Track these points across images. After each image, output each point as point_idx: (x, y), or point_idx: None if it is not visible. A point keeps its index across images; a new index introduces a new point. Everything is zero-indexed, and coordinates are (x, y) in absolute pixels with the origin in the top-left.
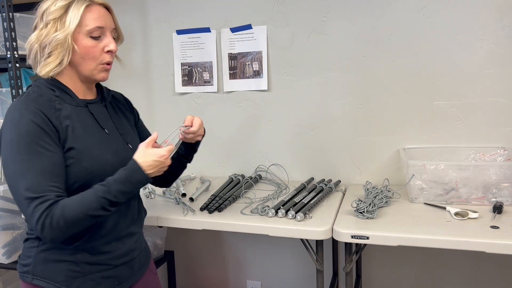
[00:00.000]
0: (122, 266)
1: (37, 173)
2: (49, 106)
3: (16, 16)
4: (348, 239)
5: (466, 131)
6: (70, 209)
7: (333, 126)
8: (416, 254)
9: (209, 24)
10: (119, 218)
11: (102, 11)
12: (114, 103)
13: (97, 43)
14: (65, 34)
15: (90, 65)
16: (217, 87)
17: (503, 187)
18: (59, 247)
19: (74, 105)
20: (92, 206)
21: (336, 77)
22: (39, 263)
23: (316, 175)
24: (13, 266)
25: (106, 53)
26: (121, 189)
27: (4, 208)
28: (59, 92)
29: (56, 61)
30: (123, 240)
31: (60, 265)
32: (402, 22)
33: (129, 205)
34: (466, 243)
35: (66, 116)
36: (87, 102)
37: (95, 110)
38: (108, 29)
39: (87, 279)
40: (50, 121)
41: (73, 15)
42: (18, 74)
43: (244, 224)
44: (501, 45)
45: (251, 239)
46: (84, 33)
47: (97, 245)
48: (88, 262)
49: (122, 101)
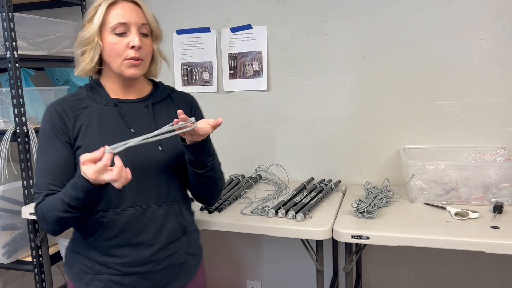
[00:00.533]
0: (134, 276)
1: (41, 170)
2: (71, 106)
3: (16, 16)
4: (348, 239)
5: (466, 131)
6: (45, 207)
7: (333, 126)
8: (416, 254)
9: (209, 24)
10: (129, 222)
11: (127, 7)
12: (167, 104)
13: (122, 39)
14: (91, 32)
15: (116, 62)
16: (217, 87)
17: (503, 187)
18: (80, 241)
19: (103, 104)
20: (57, 207)
21: (336, 77)
22: (69, 251)
23: (316, 175)
24: (13, 266)
25: (131, 49)
26: (72, 194)
27: (4, 208)
28: (91, 91)
29: (87, 60)
30: (137, 248)
31: (77, 257)
32: (402, 22)
33: (145, 211)
34: (466, 243)
35: (87, 115)
36: (120, 101)
37: (127, 110)
38: (134, 25)
39: (95, 278)
40: (63, 121)
41: (99, 13)
42: (18, 74)
43: (244, 224)
44: (501, 45)
45: (251, 239)
46: (109, 31)
47: (106, 246)
48: (98, 262)
49: (182, 103)
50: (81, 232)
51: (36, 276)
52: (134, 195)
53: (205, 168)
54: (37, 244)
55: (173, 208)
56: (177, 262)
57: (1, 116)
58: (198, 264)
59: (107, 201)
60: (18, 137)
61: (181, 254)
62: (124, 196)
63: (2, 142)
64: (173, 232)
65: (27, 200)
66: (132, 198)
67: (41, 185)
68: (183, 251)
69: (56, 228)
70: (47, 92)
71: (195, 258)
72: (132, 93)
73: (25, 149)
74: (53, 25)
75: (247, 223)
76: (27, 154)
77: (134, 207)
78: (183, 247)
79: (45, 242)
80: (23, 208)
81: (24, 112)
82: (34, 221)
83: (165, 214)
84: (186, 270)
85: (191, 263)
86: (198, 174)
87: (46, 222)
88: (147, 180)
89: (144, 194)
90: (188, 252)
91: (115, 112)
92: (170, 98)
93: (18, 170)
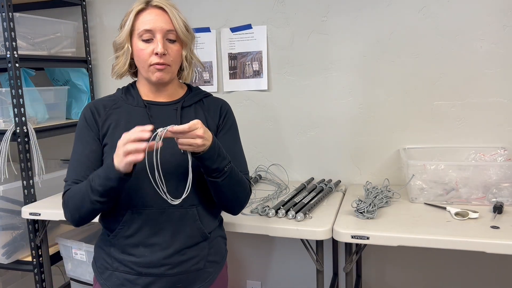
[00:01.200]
0: (148, 277)
1: (72, 162)
2: (105, 106)
3: (16, 16)
4: (348, 239)
5: (466, 131)
6: (70, 195)
7: (333, 126)
8: (416, 254)
9: (209, 24)
10: (146, 222)
11: (154, 13)
12: (197, 108)
13: (148, 45)
14: (122, 38)
15: (143, 67)
16: (217, 87)
17: (503, 187)
18: (105, 237)
19: (134, 105)
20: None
21: (336, 77)
22: (96, 245)
23: (316, 175)
24: (13, 266)
25: (155, 55)
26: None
27: (4, 208)
28: (125, 93)
29: (120, 64)
30: (152, 249)
31: (101, 253)
32: (402, 22)
33: (162, 213)
34: (466, 243)
35: (117, 115)
36: (150, 103)
37: (156, 111)
38: (159, 31)
39: (113, 275)
40: (95, 118)
41: (129, 20)
42: (18, 74)
43: (244, 224)
44: (501, 45)
45: (251, 239)
46: (137, 37)
47: (124, 244)
48: (116, 258)
49: (213, 109)
50: (105, 228)
51: (36, 276)
52: (152, 195)
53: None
54: (37, 244)
55: (191, 212)
56: (194, 268)
57: (1, 116)
58: (218, 271)
59: (126, 199)
60: (18, 137)
61: (199, 260)
62: (143, 196)
63: (2, 142)
64: (190, 237)
65: (27, 200)
66: (150, 198)
67: (70, 176)
68: (201, 257)
69: (76, 216)
70: (47, 92)
71: (215, 266)
72: (163, 96)
73: (25, 149)
74: (53, 25)
75: (247, 223)
76: (27, 154)
77: (151, 207)
78: (202, 254)
79: (45, 242)
80: (23, 208)
81: (24, 112)
82: (34, 221)
83: (181, 218)
84: (203, 277)
85: (210, 270)
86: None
87: (68, 210)
88: (166, 182)
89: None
90: (208, 259)
91: (143, 113)
92: (201, 103)
93: (18, 170)
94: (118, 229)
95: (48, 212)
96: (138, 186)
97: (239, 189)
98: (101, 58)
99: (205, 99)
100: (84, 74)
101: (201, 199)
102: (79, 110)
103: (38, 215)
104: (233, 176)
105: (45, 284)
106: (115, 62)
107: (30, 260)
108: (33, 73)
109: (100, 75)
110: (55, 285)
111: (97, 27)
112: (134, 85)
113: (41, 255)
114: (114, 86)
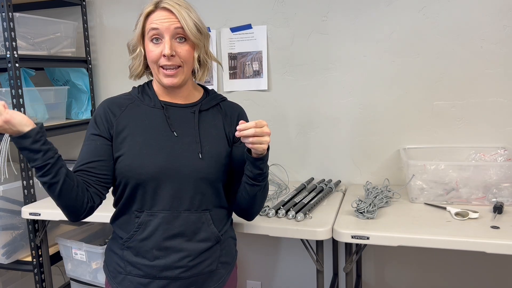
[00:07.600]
0: (162, 281)
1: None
2: (120, 105)
3: (16, 16)
4: (348, 239)
5: (466, 131)
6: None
7: (333, 126)
8: (416, 254)
9: (209, 24)
10: (161, 225)
11: (161, 14)
12: (215, 112)
13: (157, 47)
14: (135, 40)
15: (154, 69)
16: (217, 87)
17: (504, 187)
18: (117, 240)
19: (151, 106)
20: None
21: (336, 77)
22: (107, 249)
23: (316, 175)
24: (13, 266)
25: (163, 57)
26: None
27: (4, 208)
28: (142, 93)
29: (135, 65)
30: (166, 252)
31: (113, 256)
32: (402, 22)
33: (177, 216)
34: (466, 243)
35: (132, 114)
36: (168, 104)
37: (173, 113)
38: (167, 32)
39: (126, 279)
40: (108, 117)
41: (139, 22)
42: (18, 74)
43: (244, 224)
44: (501, 45)
45: (251, 239)
46: (148, 38)
47: (137, 247)
48: (130, 262)
49: (230, 115)
50: (117, 231)
51: (36, 276)
52: (168, 199)
53: (264, 180)
54: (37, 244)
55: (205, 216)
56: (207, 270)
57: None
58: (230, 272)
59: (142, 202)
60: None
61: (212, 262)
62: (159, 199)
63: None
64: (204, 240)
65: (27, 200)
66: (166, 202)
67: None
68: (214, 259)
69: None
70: (47, 92)
71: (226, 267)
72: (179, 98)
73: None
74: (53, 25)
75: (247, 223)
76: None
77: (167, 210)
78: (214, 255)
79: (45, 242)
80: (23, 208)
81: (24, 112)
82: (34, 221)
83: (196, 222)
84: (216, 278)
85: (222, 271)
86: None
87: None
88: (182, 186)
89: (178, 199)
90: (220, 261)
91: (161, 114)
92: (219, 107)
93: (18, 170)
94: (133, 232)
95: (48, 212)
96: (156, 189)
97: (266, 195)
98: (101, 58)
99: (222, 103)
100: (84, 74)
101: (216, 204)
102: (79, 110)
103: (38, 215)
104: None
105: (45, 284)
106: (131, 64)
107: (30, 260)
108: (33, 73)
109: (100, 75)
110: (55, 285)
111: (97, 27)
112: (150, 84)
113: (41, 255)
114: (114, 86)
